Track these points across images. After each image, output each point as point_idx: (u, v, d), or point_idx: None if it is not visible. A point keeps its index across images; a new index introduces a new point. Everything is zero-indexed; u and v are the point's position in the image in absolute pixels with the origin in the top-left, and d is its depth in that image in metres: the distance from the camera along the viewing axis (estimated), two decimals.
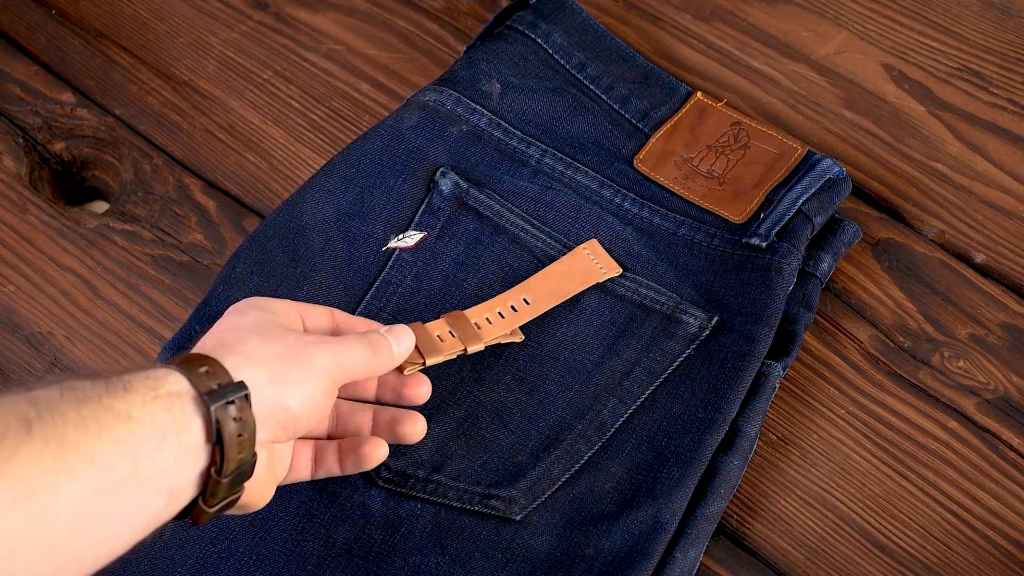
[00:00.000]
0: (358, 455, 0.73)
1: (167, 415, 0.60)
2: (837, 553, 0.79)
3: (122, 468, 0.57)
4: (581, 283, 0.84)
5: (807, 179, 0.88)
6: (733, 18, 1.01)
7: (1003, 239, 0.91)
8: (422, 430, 0.75)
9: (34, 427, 0.55)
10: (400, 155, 0.89)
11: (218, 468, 0.62)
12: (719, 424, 0.79)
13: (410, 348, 0.74)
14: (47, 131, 0.97)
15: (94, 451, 0.57)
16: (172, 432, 0.60)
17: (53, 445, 0.55)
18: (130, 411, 0.59)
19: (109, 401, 0.58)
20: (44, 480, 0.54)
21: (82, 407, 0.57)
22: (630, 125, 0.93)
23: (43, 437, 0.55)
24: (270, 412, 0.65)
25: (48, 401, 0.57)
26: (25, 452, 0.54)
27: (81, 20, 1.03)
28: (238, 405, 0.62)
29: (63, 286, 0.90)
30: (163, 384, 0.61)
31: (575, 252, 0.85)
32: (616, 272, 0.85)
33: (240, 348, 0.66)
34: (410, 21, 1.02)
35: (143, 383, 0.60)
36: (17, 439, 0.54)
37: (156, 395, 0.60)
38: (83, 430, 0.56)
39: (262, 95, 0.98)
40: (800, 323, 0.84)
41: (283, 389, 0.65)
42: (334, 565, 0.76)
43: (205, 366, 0.63)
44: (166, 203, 0.93)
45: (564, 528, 0.76)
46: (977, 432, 0.83)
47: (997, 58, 0.99)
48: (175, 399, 0.61)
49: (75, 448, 0.56)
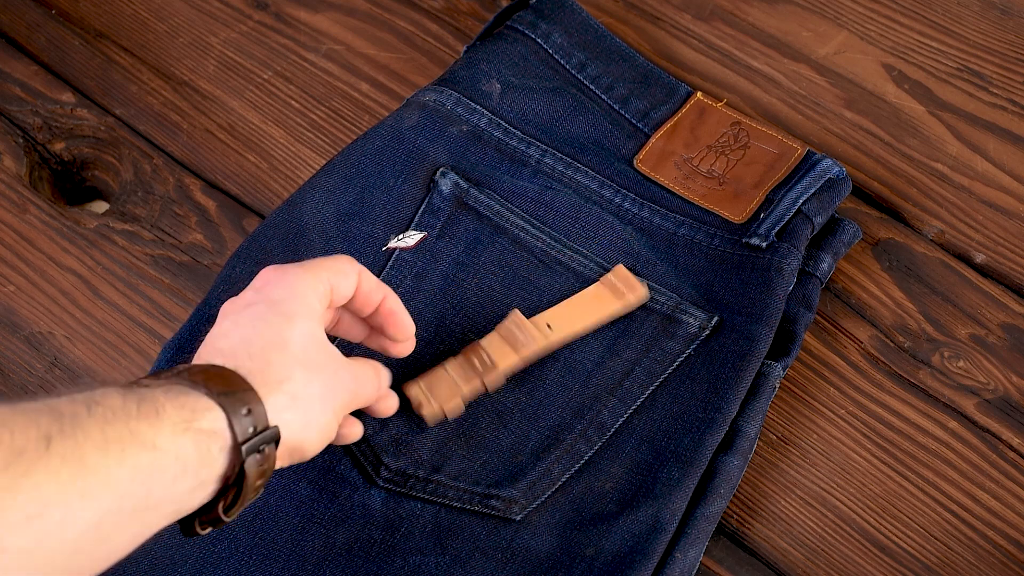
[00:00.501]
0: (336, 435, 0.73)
1: (194, 449, 0.59)
2: (837, 553, 0.79)
3: (136, 496, 0.56)
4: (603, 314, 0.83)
5: (807, 179, 0.88)
6: (733, 18, 1.01)
7: (1003, 239, 0.91)
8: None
9: (54, 444, 0.54)
10: (400, 155, 0.89)
11: (227, 506, 0.62)
12: (719, 424, 0.79)
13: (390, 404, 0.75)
14: (47, 131, 0.97)
15: (112, 476, 0.55)
16: (193, 467, 0.59)
17: (71, 465, 0.54)
18: (156, 439, 0.57)
19: (136, 425, 0.57)
20: (57, 500, 0.53)
21: (108, 428, 0.56)
22: (630, 125, 0.93)
23: (62, 455, 0.54)
24: (287, 451, 0.65)
25: (74, 417, 0.55)
26: (41, 470, 0.53)
27: (81, 20, 1.03)
28: (266, 452, 0.62)
29: (63, 286, 0.90)
30: (199, 417, 0.59)
31: (603, 281, 0.84)
32: (643, 297, 0.84)
33: (285, 386, 0.64)
34: (410, 21, 1.02)
35: (177, 411, 0.59)
36: (35, 455, 0.53)
37: (188, 428, 0.59)
38: (104, 452, 0.55)
39: (262, 95, 0.98)
40: (800, 323, 0.84)
41: (307, 430, 0.65)
42: (334, 565, 0.76)
43: (247, 405, 0.61)
44: (166, 203, 0.93)
45: (564, 528, 0.76)
46: (977, 432, 0.83)
47: (997, 58, 0.99)
48: (207, 437, 0.59)
49: (93, 471, 0.55)
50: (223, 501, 0.62)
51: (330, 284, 0.70)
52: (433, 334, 0.83)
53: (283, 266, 0.70)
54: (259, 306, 0.67)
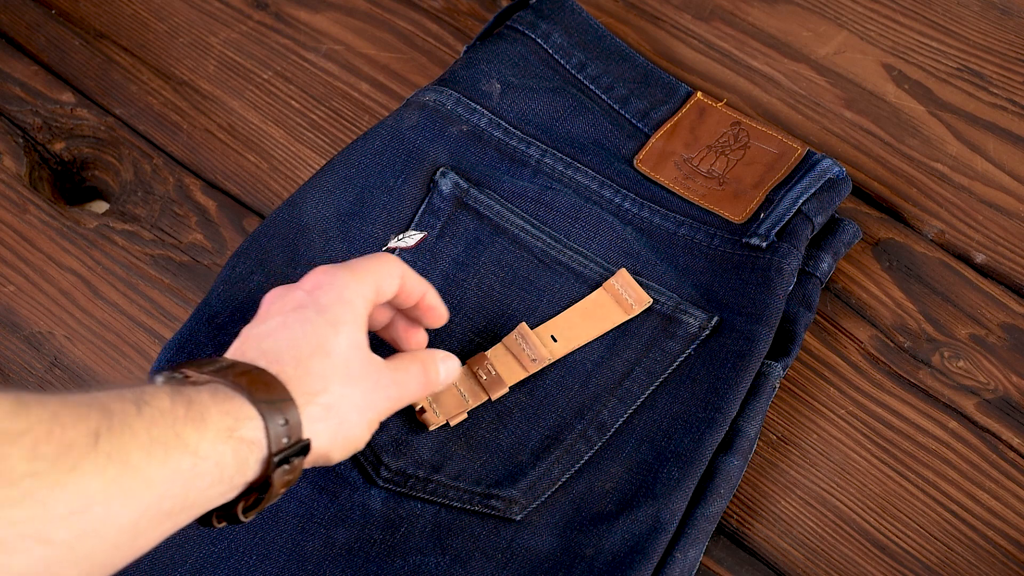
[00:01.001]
0: None
1: (232, 457, 0.60)
2: (837, 553, 0.79)
3: (174, 497, 0.58)
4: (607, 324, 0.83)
5: (807, 179, 0.88)
6: (733, 18, 1.01)
7: (1003, 239, 0.91)
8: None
9: (101, 441, 0.55)
10: (400, 155, 0.89)
11: (247, 506, 0.63)
12: (719, 424, 0.79)
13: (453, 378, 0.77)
14: (47, 131, 0.97)
15: (154, 478, 0.57)
16: (229, 473, 0.61)
17: (116, 463, 0.55)
18: (199, 446, 0.59)
19: (182, 428, 0.58)
20: (101, 497, 0.55)
21: (154, 429, 0.57)
22: (630, 125, 0.93)
23: (108, 453, 0.55)
24: (312, 459, 0.66)
25: (123, 415, 0.57)
26: (88, 466, 0.54)
27: (81, 20, 1.03)
28: (294, 463, 0.63)
29: (63, 286, 0.90)
30: (240, 426, 0.61)
31: (606, 287, 0.85)
32: (646, 303, 0.84)
33: (322, 397, 0.65)
34: (410, 21, 1.02)
35: (221, 419, 0.60)
36: (83, 451, 0.54)
37: (230, 436, 0.60)
38: (149, 454, 0.57)
39: (262, 95, 0.98)
40: (800, 323, 0.84)
41: (336, 441, 0.67)
42: (334, 565, 0.76)
43: (285, 416, 0.63)
44: (166, 203, 0.93)
45: (564, 528, 0.76)
46: (977, 432, 0.83)
47: (997, 58, 0.99)
48: (247, 446, 0.61)
49: (137, 472, 0.56)
50: (244, 502, 0.63)
51: (376, 287, 0.71)
52: (433, 334, 0.83)
53: (333, 269, 0.71)
54: (308, 311, 0.68)
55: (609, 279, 0.85)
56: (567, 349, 0.82)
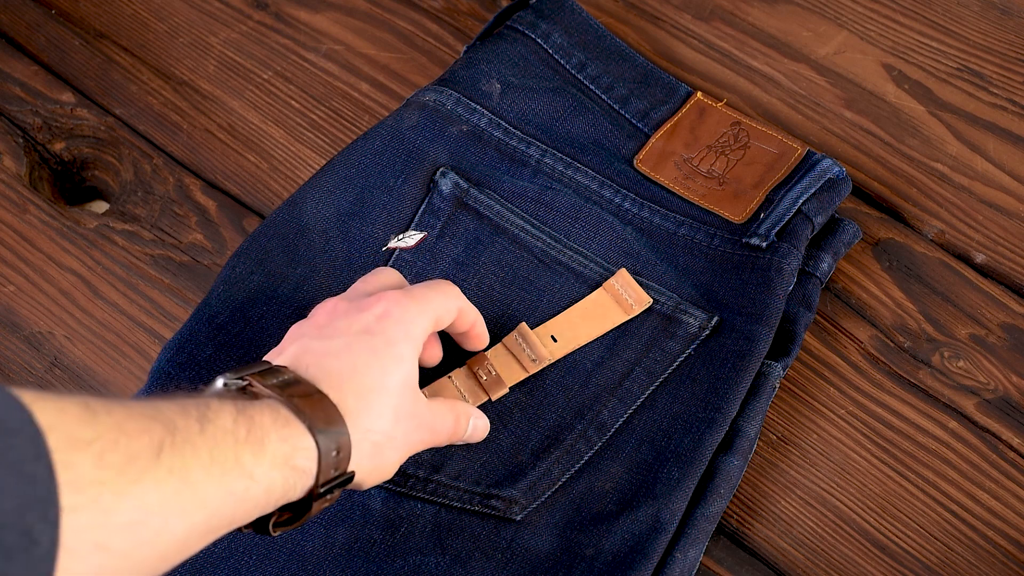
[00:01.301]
0: None
1: (282, 484, 0.62)
2: (837, 553, 0.79)
3: (224, 516, 0.59)
4: (607, 324, 0.83)
5: (807, 179, 0.88)
6: (733, 18, 1.01)
7: (1003, 239, 0.91)
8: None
9: (164, 455, 0.56)
10: (400, 155, 0.89)
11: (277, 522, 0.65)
12: (719, 424, 0.79)
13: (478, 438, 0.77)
14: (47, 131, 0.97)
15: (209, 497, 0.58)
16: (276, 498, 0.62)
17: (176, 479, 0.57)
18: (254, 470, 0.60)
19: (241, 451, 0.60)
20: (159, 510, 0.56)
21: (216, 450, 0.59)
22: (630, 125, 0.93)
23: (170, 468, 0.56)
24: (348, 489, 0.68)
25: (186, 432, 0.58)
26: (150, 479, 0.55)
27: (81, 20, 1.03)
28: (334, 495, 0.65)
29: (63, 286, 0.90)
30: (296, 455, 0.62)
31: (607, 286, 0.85)
32: (645, 304, 0.84)
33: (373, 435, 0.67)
34: (410, 21, 1.02)
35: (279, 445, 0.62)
36: (147, 464, 0.56)
37: (286, 462, 0.62)
38: (208, 473, 0.58)
39: (262, 95, 0.98)
40: (800, 323, 0.84)
41: (373, 473, 0.68)
42: (334, 565, 0.76)
43: (338, 449, 0.64)
44: (166, 203, 0.93)
45: (564, 528, 0.76)
46: (977, 432, 0.83)
47: (997, 58, 0.99)
48: (299, 474, 0.63)
49: (195, 489, 0.57)
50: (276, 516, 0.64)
51: (436, 319, 0.73)
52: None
53: (402, 298, 0.72)
54: (376, 339, 0.69)
55: (609, 279, 0.85)
56: (567, 349, 0.82)
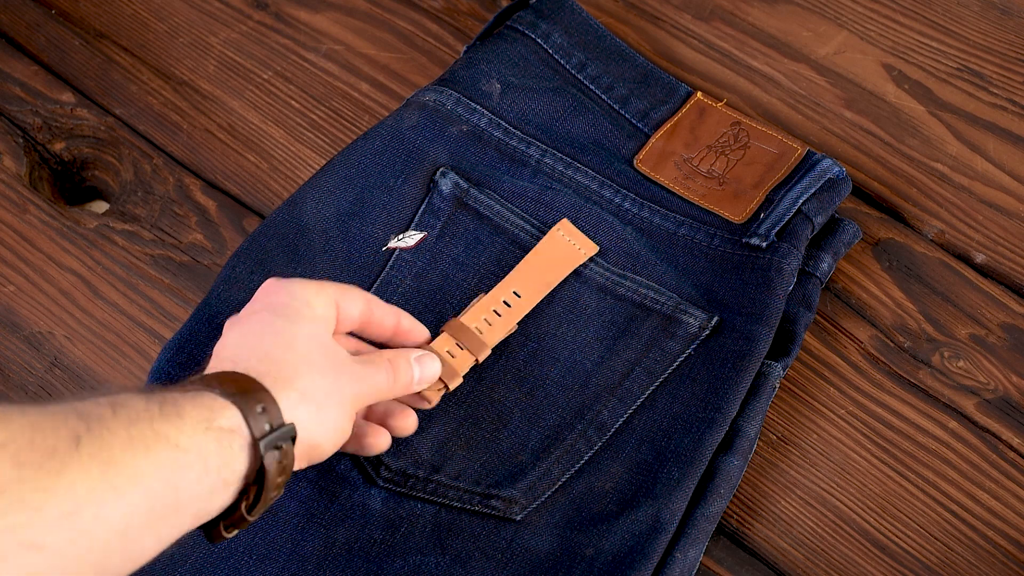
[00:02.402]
0: (360, 444, 0.74)
1: (215, 448, 0.60)
2: (837, 553, 0.79)
3: (163, 495, 0.58)
4: (565, 268, 0.84)
5: (807, 179, 0.88)
6: (733, 18, 1.01)
7: (1003, 239, 0.91)
8: (413, 424, 0.76)
9: (83, 443, 0.55)
10: (400, 155, 0.89)
11: (250, 505, 0.63)
12: (719, 424, 0.79)
13: (433, 378, 0.75)
14: (47, 131, 0.97)
15: (139, 473, 0.57)
16: (215, 466, 0.60)
17: (100, 462, 0.56)
18: (179, 439, 0.59)
19: (160, 425, 0.59)
20: (90, 497, 0.55)
21: (132, 428, 0.58)
22: (630, 125, 0.93)
23: (91, 454, 0.55)
24: (304, 450, 0.66)
25: (99, 418, 0.57)
26: (73, 468, 0.55)
27: (81, 20, 1.03)
28: (284, 450, 0.63)
29: (63, 286, 0.90)
30: (217, 416, 0.61)
31: (550, 236, 0.85)
32: (594, 250, 0.85)
33: (296, 383, 0.66)
34: (410, 21, 1.02)
35: (196, 411, 0.60)
36: (67, 454, 0.55)
37: (208, 427, 0.60)
38: (130, 450, 0.57)
39: (262, 95, 0.98)
40: (800, 323, 0.84)
41: (321, 427, 0.67)
42: (334, 565, 0.76)
43: (261, 404, 0.63)
44: (166, 203, 0.93)
45: (564, 528, 0.76)
46: (977, 432, 0.83)
47: (997, 58, 0.99)
48: (226, 435, 0.61)
49: (122, 468, 0.56)
50: (245, 500, 0.63)
51: (335, 299, 0.72)
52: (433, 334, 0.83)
53: (284, 278, 0.72)
54: (263, 313, 0.70)
55: (550, 229, 0.85)
56: (532, 302, 0.82)
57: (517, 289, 0.83)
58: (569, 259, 0.85)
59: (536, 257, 0.85)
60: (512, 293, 0.83)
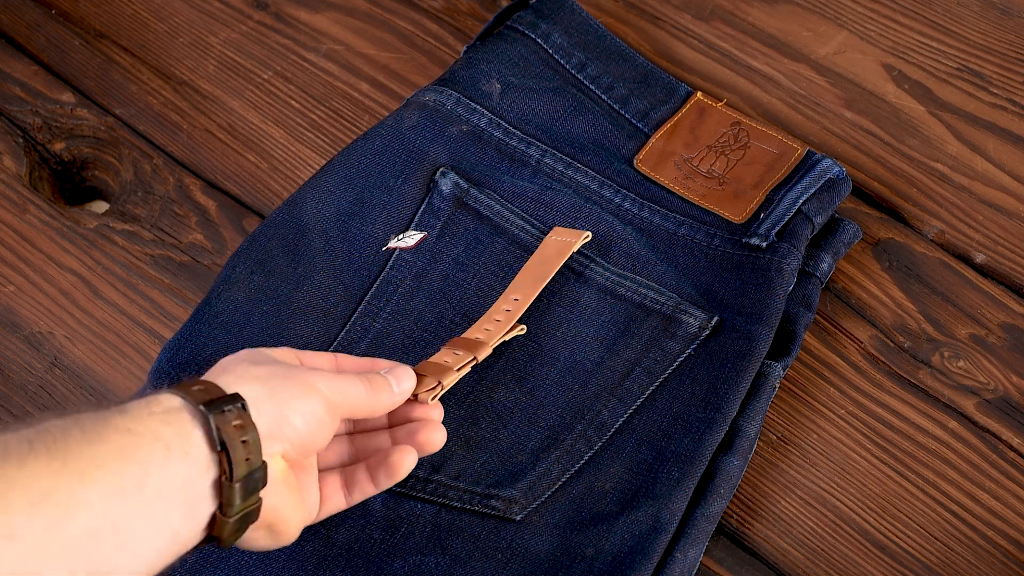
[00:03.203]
0: (388, 465, 0.72)
1: (166, 428, 0.61)
2: (837, 553, 0.79)
3: (133, 475, 0.58)
4: (558, 260, 0.84)
5: (807, 179, 0.88)
6: (733, 18, 1.01)
7: (1003, 239, 0.91)
8: (442, 438, 0.74)
9: (36, 443, 0.56)
10: (400, 155, 0.89)
11: (228, 474, 0.62)
12: (719, 424, 0.79)
13: (411, 388, 0.73)
14: (47, 131, 0.97)
15: (102, 458, 0.58)
16: (176, 444, 0.61)
17: (59, 455, 0.56)
18: (129, 426, 0.60)
19: (107, 417, 0.60)
20: (56, 484, 0.55)
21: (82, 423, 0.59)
22: (630, 125, 0.93)
23: (47, 450, 0.56)
24: (275, 424, 0.65)
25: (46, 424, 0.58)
26: (32, 462, 0.55)
27: (81, 20, 1.03)
28: (236, 413, 0.63)
29: (63, 286, 0.90)
30: (158, 402, 0.62)
31: (544, 243, 0.85)
32: (586, 237, 0.85)
33: (232, 370, 0.67)
34: (410, 21, 1.02)
35: (138, 404, 0.62)
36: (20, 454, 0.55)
37: (151, 412, 0.61)
38: (86, 442, 0.58)
39: (262, 95, 0.98)
40: (800, 323, 0.84)
41: (283, 404, 0.66)
42: (334, 565, 0.76)
43: (198, 385, 0.64)
44: (166, 203, 0.93)
45: (564, 528, 0.76)
46: (977, 432, 0.83)
47: (997, 58, 0.99)
48: (172, 413, 0.62)
49: (82, 457, 0.57)
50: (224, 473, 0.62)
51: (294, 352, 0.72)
52: (433, 334, 0.83)
53: None
54: None
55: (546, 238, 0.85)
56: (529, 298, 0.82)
57: (516, 295, 0.83)
58: (560, 252, 0.84)
59: (531, 263, 0.84)
60: (512, 300, 0.83)
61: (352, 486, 0.73)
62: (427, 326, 0.83)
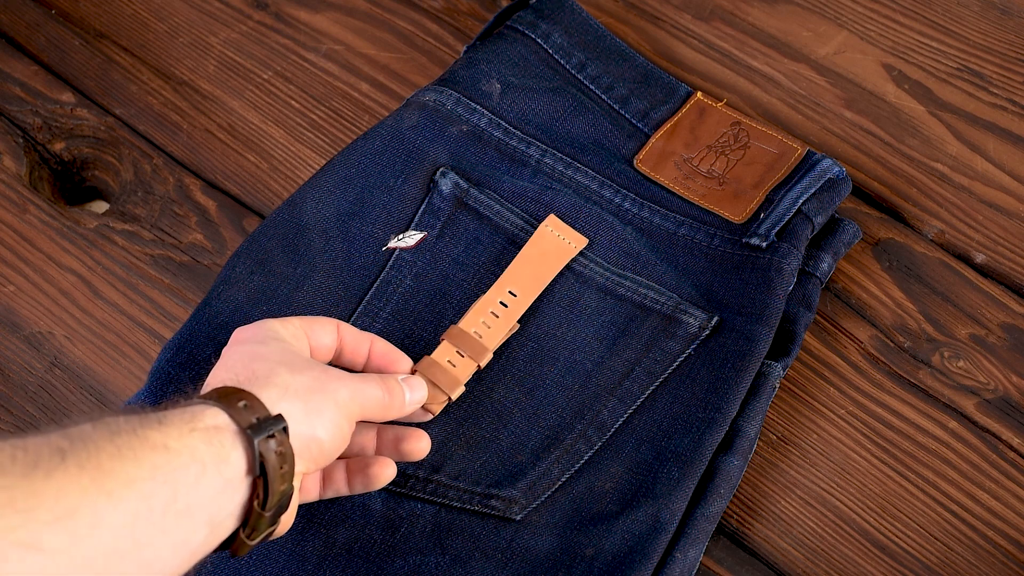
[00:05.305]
0: (366, 475, 0.73)
1: (206, 447, 0.60)
2: (837, 553, 0.79)
3: (162, 495, 0.58)
4: (557, 263, 0.84)
5: (807, 179, 0.88)
6: (733, 18, 1.01)
7: (1003, 239, 0.91)
8: (426, 447, 0.75)
9: (68, 455, 0.55)
10: (400, 155, 0.89)
11: (261, 502, 0.62)
12: (719, 424, 0.79)
13: (422, 400, 0.75)
14: (47, 131, 0.97)
15: (132, 477, 0.57)
16: (212, 464, 0.60)
17: (89, 470, 0.55)
18: (166, 442, 0.59)
19: (144, 432, 0.58)
20: (83, 501, 0.55)
21: (116, 438, 0.57)
22: (630, 125, 0.93)
23: (78, 464, 0.55)
24: (304, 445, 0.66)
25: (80, 433, 0.57)
26: (61, 476, 0.55)
27: (81, 20, 1.03)
28: (278, 439, 0.63)
29: (63, 286, 0.90)
30: (200, 418, 0.61)
31: (539, 232, 0.85)
32: (583, 243, 0.85)
33: (274, 380, 0.66)
34: (410, 21, 1.02)
35: (179, 417, 0.60)
36: (51, 465, 0.55)
37: (193, 428, 0.60)
38: (119, 458, 0.57)
39: (262, 95, 0.98)
40: (800, 323, 0.84)
41: (315, 421, 0.66)
42: (334, 565, 0.76)
43: (243, 400, 0.63)
44: (166, 203, 0.93)
45: (564, 528, 0.76)
46: (977, 432, 0.83)
47: (997, 58, 0.99)
48: (214, 432, 0.61)
49: (112, 474, 0.56)
50: (256, 498, 0.62)
51: (303, 329, 0.72)
52: (433, 334, 0.83)
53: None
54: (230, 348, 0.70)
55: (539, 225, 0.85)
56: (528, 300, 0.82)
57: (512, 288, 0.83)
58: (560, 254, 0.85)
59: (528, 254, 0.85)
60: (508, 293, 0.83)
61: (328, 483, 0.73)
62: (427, 326, 0.83)
